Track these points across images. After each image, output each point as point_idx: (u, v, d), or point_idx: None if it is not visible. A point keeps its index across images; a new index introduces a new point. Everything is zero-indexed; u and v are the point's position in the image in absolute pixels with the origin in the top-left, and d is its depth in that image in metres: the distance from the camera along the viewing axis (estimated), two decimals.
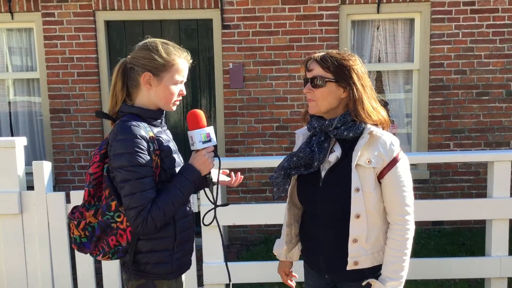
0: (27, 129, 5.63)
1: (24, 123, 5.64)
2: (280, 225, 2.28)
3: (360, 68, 1.82)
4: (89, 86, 5.32)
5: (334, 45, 5.21)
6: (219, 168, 1.91)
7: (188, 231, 1.94)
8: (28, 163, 3.59)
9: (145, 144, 1.74)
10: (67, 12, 5.24)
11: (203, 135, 1.84)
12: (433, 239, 4.96)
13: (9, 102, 5.59)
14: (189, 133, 1.86)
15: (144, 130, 1.76)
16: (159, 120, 1.90)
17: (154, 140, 1.80)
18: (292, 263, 2.20)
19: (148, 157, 1.74)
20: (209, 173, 1.91)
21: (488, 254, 3.31)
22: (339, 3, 5.21)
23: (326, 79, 1.80)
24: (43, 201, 3.17)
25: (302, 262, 2.15)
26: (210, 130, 1.87)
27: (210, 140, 1.85)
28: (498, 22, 5.22)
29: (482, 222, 4.91)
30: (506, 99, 5.32)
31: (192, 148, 1.87)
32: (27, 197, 3.17)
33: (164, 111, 1.92)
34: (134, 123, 1.75)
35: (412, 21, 5.40)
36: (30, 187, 3.20)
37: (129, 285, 1.90)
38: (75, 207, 1.90)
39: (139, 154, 1.71)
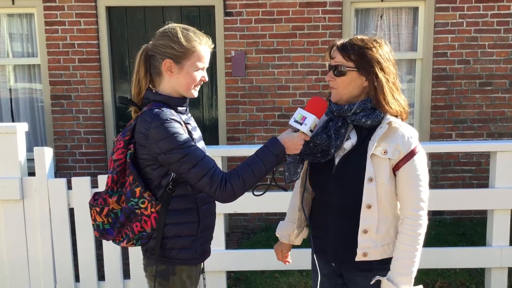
0: (28, 116, 5.61)
1: (25, 109, 5.62)
2: (281, 214, 2.26)
3: (383, 56, 1.78)
4: (90, 73, 5.28)
5: (337, 33, 5.17)
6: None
7: (210, 218, 1.95)
8: (29, 150, 3.59)
9: (179, 125, 1.76)
10: None
11: (315, 124, 1.79)
12: (433, 229, 4.96)
13: (10, 89, 5.57)
14: (304, 112, 1.78)
15: (174, 115, 1.78)
16: (185, 108, 1.91)
17: (185, 126, 1.82)
18: (291, 246, 2.18)
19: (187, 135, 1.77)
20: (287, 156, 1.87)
21: (489, 244, 3.31)
22: None
23: (347, 68, 1.77)
24: (45, 187, 3.16)
25: (308, 250, 2.13)
26: (319, 123, 1.84)
27: (312, 131, 1.80)
28: (502, 12, 5.17)
29: (483, 212, 4.93)
30: (509, 89, 5.29)
31: (295, 125, 1.79)
32: (29, 183, 3.17)
33: (188, 99, 1.91)
34: (164, 109, 1.77)
35: (416, 9, 5.35)
36: (31, 174, 3.20)
37: (148, 271, 1.90)
38: (97, 193, 1.90)
39: (180, 132, 1.73)
